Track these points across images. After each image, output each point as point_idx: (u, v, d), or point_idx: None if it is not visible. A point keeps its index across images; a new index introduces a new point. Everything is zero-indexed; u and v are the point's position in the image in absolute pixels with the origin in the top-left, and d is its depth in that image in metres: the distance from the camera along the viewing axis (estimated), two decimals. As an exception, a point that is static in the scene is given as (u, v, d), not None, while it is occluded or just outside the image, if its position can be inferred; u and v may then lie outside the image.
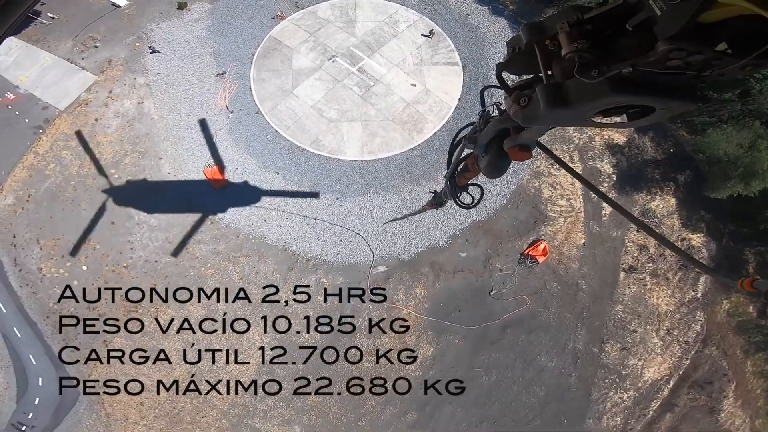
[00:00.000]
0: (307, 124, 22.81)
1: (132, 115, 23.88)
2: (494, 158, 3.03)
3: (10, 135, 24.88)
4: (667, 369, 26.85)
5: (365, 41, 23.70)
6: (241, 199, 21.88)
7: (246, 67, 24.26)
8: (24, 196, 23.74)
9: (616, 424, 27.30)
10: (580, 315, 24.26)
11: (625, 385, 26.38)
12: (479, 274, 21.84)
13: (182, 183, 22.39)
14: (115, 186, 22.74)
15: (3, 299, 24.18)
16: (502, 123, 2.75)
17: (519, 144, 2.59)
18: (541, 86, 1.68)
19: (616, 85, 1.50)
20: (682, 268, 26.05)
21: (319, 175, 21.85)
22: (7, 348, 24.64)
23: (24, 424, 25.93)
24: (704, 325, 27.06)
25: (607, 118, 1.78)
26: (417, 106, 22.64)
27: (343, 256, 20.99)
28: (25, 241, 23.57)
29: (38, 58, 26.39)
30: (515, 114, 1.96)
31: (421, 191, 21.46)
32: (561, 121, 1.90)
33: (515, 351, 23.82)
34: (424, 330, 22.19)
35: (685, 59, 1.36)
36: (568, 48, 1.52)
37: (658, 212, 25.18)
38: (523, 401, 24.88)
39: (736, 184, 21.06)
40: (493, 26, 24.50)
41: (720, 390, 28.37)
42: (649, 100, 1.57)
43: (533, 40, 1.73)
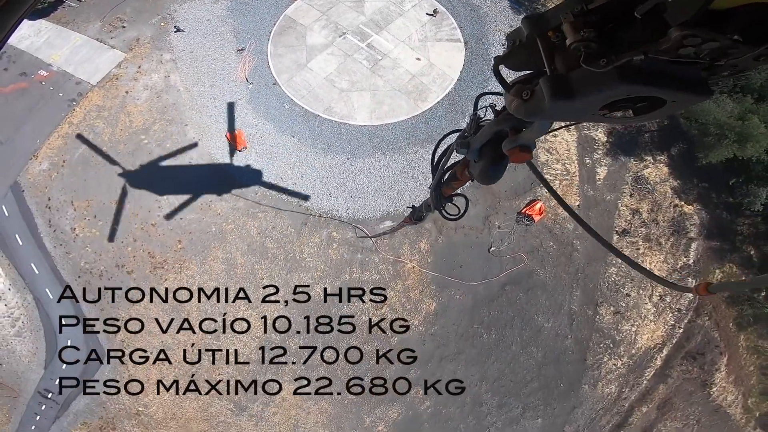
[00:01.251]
0: (320, 94, 24.76)
1: (160, 87, 25.94)
2: (489, 163, 2.89)
3: (44, 108, 27.01)
4: (660, 337, 27.91)
5: (373, 19, 25.68)
6: (260, 160, 23.82)
7: (264, 43, 26.28)
8: (59, 162, 25.80)
9: (610, 392, 28.35)
10: (575, 275, 25.71)
11: (619, 351, 27.46)
12: (479, 231, 23.50)
13: (206, 146, 24.40)
14: (145, 151, 24.76)
15: (36, 261, 25.90)
16: (499, 124, 2.62)
17: (519, 145, 2.48)
18: (545, 77, 1.63)
19: (625, 74, 1.46)
20: (674, 234, 27.33)
21: (331, 138, 23.75)
22: (38, 311, 26.36)
23: (50, 391, 27.38)
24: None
25: (614, 112, 1.70)
26: (421, 78, 24.54)
27: (353, 211, 22.81)
28: (60, 203, 25.55)
29: (69, 38, 28.54)
30: (517, 109, 1.87)
31: (425, 152, 23.28)
32: (565, 115, 1.81)
33: (513, 309, 25.26)
34: (427, 285, 23.85)
35: (699, 47, 1.32)
36: (573, 37, 1.46)
37: (651, 179, 26.69)
38: (521, 362, 26.16)
39: (730, 145, 22.35)
40: (494, 6, 26.34)
41: (712, 362, 29.29)
42: (660, 91, 1.52)
43: (535, 32, 1.68)
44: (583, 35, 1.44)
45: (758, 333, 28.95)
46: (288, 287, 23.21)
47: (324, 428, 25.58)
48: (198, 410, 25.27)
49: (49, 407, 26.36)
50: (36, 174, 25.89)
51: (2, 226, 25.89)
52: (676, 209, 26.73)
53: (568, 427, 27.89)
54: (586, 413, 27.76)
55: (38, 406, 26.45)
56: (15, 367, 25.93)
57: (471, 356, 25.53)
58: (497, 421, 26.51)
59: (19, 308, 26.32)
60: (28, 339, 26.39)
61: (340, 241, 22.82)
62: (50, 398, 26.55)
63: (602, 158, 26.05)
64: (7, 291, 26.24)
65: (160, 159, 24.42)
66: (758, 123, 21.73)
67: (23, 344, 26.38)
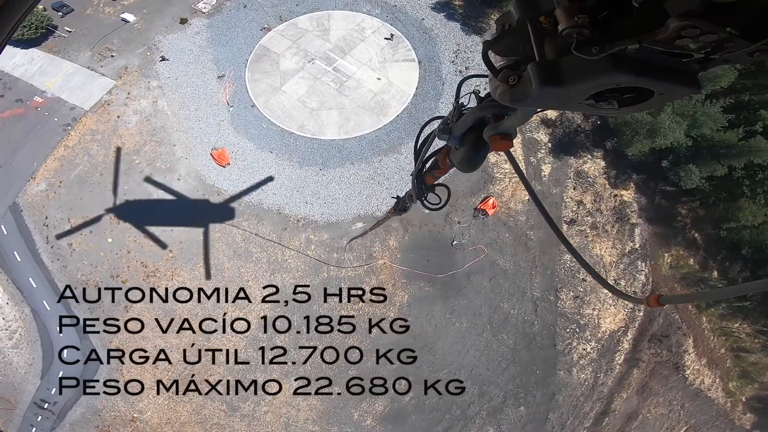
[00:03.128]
0: (294, 113, 27.80)
1: (149, 112, 28.58)
2: (470, 150, 2.85)
3: (40, 132, 29.29)
4: (623, 320, 29.98)
5: (338, 46, 29.03)
6: (242, 174, 26.59)
7: (242, 70, 29.27)
8: (56, 183, 28.03)
9: (586, 378, 30.22)
10: (533, 263, 28.69)
11: (586, 335, 29.43)
12: (441, 227, 26.61)
13: (193, 164, 27.05)
14: (137, 170, 27.26)
15: (34, 275, 27.73)
16: (482, 111, 2.57)
17: (500, 132, 2.43)
18: (534, 63, 1.57)
19: (618, 63, 1.42)
20: (618, 221, 30.35)
21: (305, 152, 26.74)
22: (36, 322, 27.95)
23: (46, 401, 28.38)
24: (648, 275, 30.85)
25: (600, 103, 1.65)
26: (382, 95, 27.86)
27: (327, 215, 25.72)
28: (57, 221, 27.69)
29: (61, 66, 30.98)
30: (502, 94, 1.80)
31: (388, 161, 26.46)
32: (551, 102, 1.72)
33: (480, 298, 27.92)
34: (398, 278, 26.71)
35: (696, 39, 1.29)
36: (566, 23, 1.39)
37: (590, 173, 30.26)
38: (494, 349, 28.14)
39: (643, 140, 26.18)
40: (444, 28, 29.99)
41: (678, 344, 31.46)
42: (651, 82, 1.49)
43: (526, 16, 1.63)
44: (576, 21, 1.39)
45: (719, 314, 31.65)
46: (272, 287, 25.80)
47: (314, 424, 27.24)
48: (192, 413, 26.83)
49: (45, 418, 27.18)
50: (34, 194, 28.01)
51: (1, 244, 27.71)
52: (616, 198, 30.17)
53: (551, 414, 29.52)
54: (567, 400, 29.60)
55: (34, 417, 27.23)
56: (12, 378, 27.26)
57: (446, 345, 27.70)
58: (481, 410, 28.32)
59: (17, 321, 27.89)
60: (25, 350, 27.81)
61: (317, 242, 25.63)
62: (46, 408, 27.31)
63: (545, 157, 29.49)
64: (5, 305, 27.87)
65: (151, 176, 26.95)
66: (665, 119, 25.49)
67: (20, 356, 27.69)
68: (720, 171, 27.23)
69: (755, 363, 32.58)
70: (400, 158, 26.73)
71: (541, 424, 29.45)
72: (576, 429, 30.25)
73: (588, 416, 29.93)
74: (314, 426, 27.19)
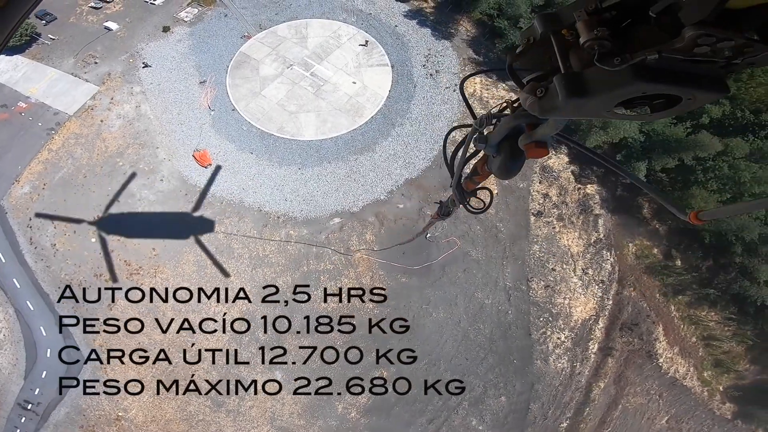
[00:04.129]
0: (273, 116, 29.14)
1: (132, 116, 29.56)
2: (507, 158, 2.83)
3: (24, 137, 29.96)
4: (593, 309, 31.20)
5: (315, 52, 30.60)
6: (223, 174, 27.70)
7: (222, 75, 30.54)
8: (40, 185, 28.67)
9: (563, 367, 31.11)
10: (503, 254, 30.25)
11: (559, 324, 30.48)
12: (415, 221, 28.08)
13: (176, 165, 28.06)
14: (120, 171, 28.12)
15: (17, 275, 28.03)
16: (516, 119, 2.56)
17: (535, 140, 2.44)
18: (560, 75, 1.62)
19: (640, 73, 1.45)
20: (583, 212, 32.17)
21: (284, 152, 28.04)
22: (20, 322, 28.14)
23: (30, 402, 28.18)
24: (614, 264, 32.44)
25: (630, 110, 1.67)
26: (357, 98, 29.45)
27: (306, 212, 26.97)
28: (41, 222, 28.25)
29: (45, 72, 31.77)
30: (531, 106, 1.86)
31: (364, 159, 27.94)
32: (580, 112, 1.76)
33: (455, 288, 29.19)
34: (376, 271, 28.02)
35: (714, 46, 1.31)
36: (587, 36, 1.44)
37: (555, 168, 32.20)
38: (472, 339, 29.07)
39: (599, 131, 28.32)
40: (416, 34, 31.85)
41: (648, 332, 32.57)
42: (676, 89, 1.50)
43: (549, 30, 1.68)
44: (596, 34, 1.44)
45: (687, 303, 32.72)
46: (254, 282, 26.83)
47: (299, 418, 27.79)
48: (177, 410, 27.13)
49: (29, 419, 27.15)
50: (18, 197, 28.57)
51: None
52: (580, 191, 32.14)
53: (533, 404, 30.47)
54: (547, 390, 30.49)
55: (18, 418, 27.20)
56: None
57: (425, 335, 28.74)
58: (463, 401, 29.01)
59: (1, 321, 28.04)
60: (9, 351, 27.88)
61: (297, 237, 26.83)
62: (30, 409, 27.32)
63: (511, 154, 31.14)
64: None
65: (134, 178, 27.85)
66: None
67: (3, 356, 27.70)
68: (671, 164, 29.49)
69: (728, 352, 33.94)
70: (375, 157, 28.23)
71: (523, 415, 30.34)
72: (558, 419, 31.30)
73: (569, 406, 30.81)
74: (299, 420, 27.71)
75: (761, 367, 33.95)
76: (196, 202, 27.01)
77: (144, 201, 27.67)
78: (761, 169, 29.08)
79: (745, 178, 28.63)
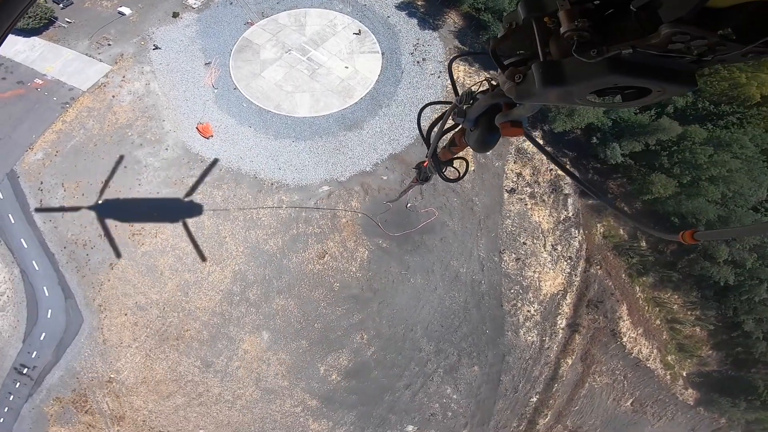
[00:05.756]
0: (271, 95, 31.85)
1: (141, 92, 32.16)
2: (484, 133, 2.93)
3: (40, 109, 32.40)
4: (561, 284, 33.18)
5: (312, 39, 33.54)
6: (223, 146, 30.20)
7: (226, 58, 33.34)
8: (52, 152, 30.99)
9: (533, 340, 32.76)
10: (478, 226, 32.51)
11: (529, 297, 32.31)
12: (397, 191, 30.49)
13: (180, 136, 30.55)
14: (128, 141, 30.56)
15: (26, 236, 29.66)
16: (494, 98, 2.64)
17: (511, 120, 2.55)
18: (537, 63, 1.67)
19: (614, 66, 1.49)
20: (554, 192, 34.42)
21: (280, 127, 30.65)
22: (24, 283, 29.76)
23: (26, 366, 29.19)
24: (582, 242, 34.52)
25: (603, 98, 1.73)
26: (349, 81, 32.26)
27: (297, 179, 29.43)
28: (51, 186, 30.46)
29: (61, 53, 34.35)
30: (509, 90, 1.94)
31: (352, 135, 30.57)
32: (555, 98, 1.82)
33: (433, 255, 31.39)
34: (360, 236, 30.31)
35: (688, 43, 1.35)
36: (567, 26, 1.49)
37: (529, 150, 34.69)
38: (447, 306, 30.88)
39: (565, 118, 31.09)
40: (406, 24, 34.82)
41: (613, 310, 34.24)
42: (647, 82, 1.56)
43: (532, 16, 1.72)
44: (577, 25, 1.48)
45: (651, 284, 34.36)
46: (248, 242, 29.02)
47: (284, 379, 29.48)
48: (167, 370, 28.54)
49: (23, 384, 28.22)
50: (31, 163, 30.83)
51: None
52: (551, 172, 34.54)
53: (504, 376, 32.31)
54: (517, 363, 32.23)
55: (13, 384, 28.24)
56: None
57: (403, 300, 30.71)
58: (438, 368, 30.84)
59: (5, 282, 29.61)
60: (11, 312, 29.31)
61: (289, 203, 29.20)
62: (25, 374, 28.37)
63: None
64: None
65: (140, 147, 30.29)
66: None
67: (5, 318, 29.14)
68: (637, 147, 32.21)
69: (690, 336, 35.98)
70: (362, 133, 30.89)
71: (495, 386, 32.16)
72: (528, 393, 33.12)
73: (538, 381, 32.59)
74: (283, 381, 29.31)
75: (723, 354, 35.92)
76: (191, 188, 29.26)
77: (149, 167, 30.04)
78: (717, 153, 31.84)
79: (701, 161, 31.31)
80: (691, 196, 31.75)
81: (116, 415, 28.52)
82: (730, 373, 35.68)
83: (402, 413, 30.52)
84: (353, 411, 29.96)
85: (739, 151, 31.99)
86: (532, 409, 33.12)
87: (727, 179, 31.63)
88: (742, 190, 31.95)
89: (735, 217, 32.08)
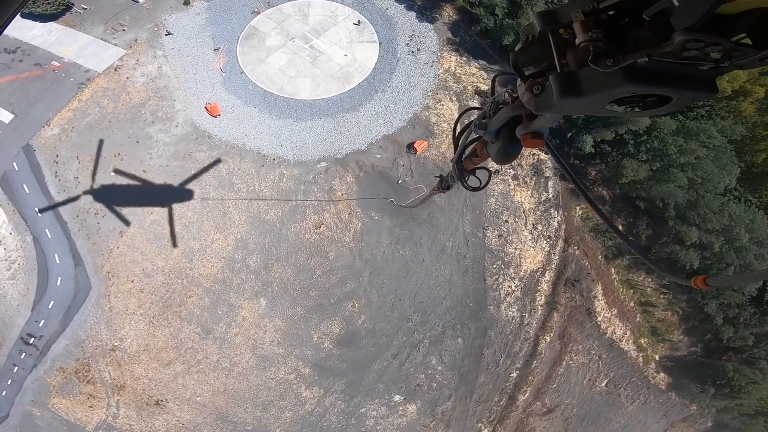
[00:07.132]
0: (275, 79, 34.33)
1: (154, 75, 34.50)
2: (505, 145, 2.95)
3: (57, 89, 34.60)
4: (541, 262, 34.96)
5: (315, 28, 36.14)
6: (229, 124, 32.55)
7: (234, 44, 35.82)
8: (68, 128, 33.16)
9: (513, 316, 34.67)
10: (464, 203, 34.45)
11: (510, 272, 34.01)
12: (389, 168, 32.94)
13: (189, 115, 32.88)
14: (141, 119, 32.83)
15: (40, 204, 31.22)
16: (514, 110, 2.65)
17: (532, 131, 2.56)
18: (555, 75, 1.70)
19: (630, 74, 1.50)
20: (535, 174, 36.52)
21: (282, 108, 33.10)
22: (36, 250, 31.42)
23: (33, 336, 30.44)
24: (561, 223, 36.56)
25: (624, 107, 1.75)
26: (348, 68, 34.83)
27: (297, 155, 31.83)
28: (66, 159, 32.54)
29: (77, 37, 36.58)
30: (528, 102, 1.98)
31: (349, 117, 33.05)
32: (573, 109, 1.84)
33: (421, 229, 33.33)
34: (354, 208, 32.62)
35: (703, 50, 1.36)
36: (582, 37, 1.52)
37: (513, 139, 37.15)
38: (434, 278, 32.65)
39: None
40: (403, 16, 37.33)
41: (588, 290, 36.09)
42: (665, 90, 1.56)
43: (547, 28, 1.75)
44: (591, 35, 1.49)
45: (625, 266, 35.98)
46: (250, 212, 31.24)
47: (279, 346, 31.32)
48: (169, 337, 29.90)
49: (28, 355, 29.14)
50: (47, 137, 32.96)
51: (12, 178, 31.74)
52: (534, 156, 36.86)
53: (486, 350, 34.40)
54: (499, 337, 33.95)
55: (18, 355, 29.16)
56: (3, 313, 29.69)
57: (393, 271, 32.82)
58: (424, 339, 32.75)
59: (17, 250, 31.23)
60: (21, 281, 30.82)
61: (289, 176, 31.53)
62: (32, 344, 29.38)
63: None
64: (8, 236, 31.09)
65: (152, 123, 32.56)
66: None
67: (15, 287, 30.65)
68: (609, 136, 34.82)
69: (662, 320, 37.87)
70: (359, 115, 33.38)
71: (477, 359, 34.13)
72: (509, 368, 35.08)
73: (518, 356, 34.24)
74: (278, 348, 31.12)
75: (694, 339, 37.94)
76: (190, 177, 31.30)
77: (160, 142, 32.30)
78: (686, 143, 34.51)
79: (671, 151, 33.94)
80: (661, 182, 34.27)
81: (117, 384, 30.08)
82: (701, 359, 37.47)
83: (389, 383, 32.43)
84: (343, 379, 31.91)
85: (707, 140, 34.66)
86: (513, 385, 34.98)
87: (695, 166, 34.19)
88: (711, 177, 34.39)
89: (703, 202, 34.44)
